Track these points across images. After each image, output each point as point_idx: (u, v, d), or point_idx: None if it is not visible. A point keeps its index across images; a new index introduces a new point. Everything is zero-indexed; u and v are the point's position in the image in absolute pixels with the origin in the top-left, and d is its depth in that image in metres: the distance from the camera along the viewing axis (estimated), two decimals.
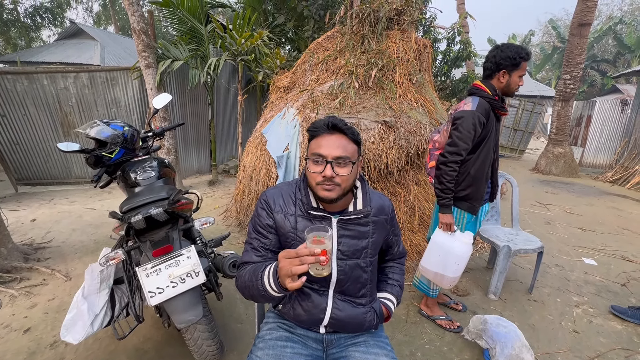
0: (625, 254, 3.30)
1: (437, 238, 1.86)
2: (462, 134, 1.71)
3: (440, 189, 1.79)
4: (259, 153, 3.30)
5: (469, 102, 1.76)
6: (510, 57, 1.70)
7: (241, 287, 1.00)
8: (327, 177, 0.95)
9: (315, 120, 1.03)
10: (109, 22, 21.08)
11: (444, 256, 1.82)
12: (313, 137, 1.02)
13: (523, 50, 1.71)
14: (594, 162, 8.84)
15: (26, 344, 1.82)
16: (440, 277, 1.87)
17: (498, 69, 1.75)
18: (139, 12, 4.24)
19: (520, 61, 1.70)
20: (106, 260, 1.41)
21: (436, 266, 1.85)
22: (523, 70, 1.74)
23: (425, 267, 1.91)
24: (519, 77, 1.75)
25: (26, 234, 3.28)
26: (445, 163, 1.74)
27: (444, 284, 1.90)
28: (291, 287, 0.79)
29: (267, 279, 0.89)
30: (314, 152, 0.98)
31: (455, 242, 1.81)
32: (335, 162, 0.95)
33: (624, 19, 20.37)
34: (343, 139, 0.99)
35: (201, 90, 5.94)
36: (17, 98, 4.72)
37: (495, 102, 1.76)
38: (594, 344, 1.98)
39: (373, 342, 1.09)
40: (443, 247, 1.83)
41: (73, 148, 1.72)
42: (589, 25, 6.88)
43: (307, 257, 0.77)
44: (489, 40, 23.00)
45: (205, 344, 1.50)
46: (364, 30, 3.38)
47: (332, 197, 0.97)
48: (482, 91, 1.77)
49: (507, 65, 1.71)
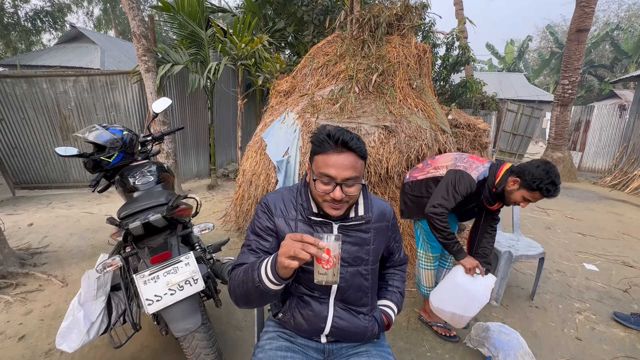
0: (626, 259, 3.28)
1: (459, 280, 1.72)
2: (457, 195, 1.73)
3: (442, 236, 1.74)
4: (259, 157, 3.29)
5: (479, 170, 1.77)
6: (534, 176, 1.60)
7: (233, 286, 0.93)
8: (337, 199, 0.92)
9: (318, 128, 0.97)
10: (109, 27, 21.16)
11: (467, 299, 1.68)
12: (318, 152, 0.94)
13: (548, 184, 1.58)
14: (592, 166, 8.86)
15: (21, 351, 1.78)
16: (458, 318, 1.75)
17: (517, 175, 1.68)
18: (139, 16, 4.25)
19: (536, 188, 1.60)
20: (103, 267, 1.39)
21: (456, 308, 1.71)
22: (533, 199, 1.65)
23: (442, 309, 1.76)
24: (524, 198, 1.67)
25: (23, 238, 3.25)
26: (437, 214, 1.72)
27: (460, 324, 1.79)
28: (287, 265, 0.75)
29: (264, 269, 0.84)
30: (322, 172, 0.92)
31: (480, 287, 1.68)
32: (345, 183, 0.92)
33: (621, 25, 20.57)
34: (352, 156, 0.92)
35: (201, 95, 5.94)
36: (16, 102, 4.70)
37: (485, 191, 1.76)
38: (597, 351, 1.96)
39: (375, 351, 1.07)
40: (467, 291, 1.69)
41: (71, 152, 1.70)
42: (586, 31, 6.94)
43: (310, 246, 0.74)
44: (487, 45, 23.18)
45: (204, 352, 1.47)
46: (364, 36, 3.40)
47: (339, 215, 0.97)
48: (494, 175, 1.75)
49: (526, 180, 1.63)
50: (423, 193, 1.96)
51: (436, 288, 1.85)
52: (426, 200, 1.87)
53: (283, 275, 0.80)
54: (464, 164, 1.84)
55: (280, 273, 0.80)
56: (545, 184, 1.58)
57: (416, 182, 2.01)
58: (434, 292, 1.84)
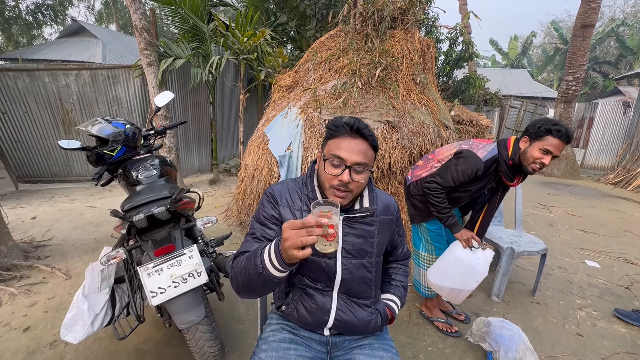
0: (628, 256, 3.28)
1: (458, 254, 1.74)
2: (457, 174, 1.71)
3: (437, 210, 1.76)
4: (261, 152, 3.29)
5: (486, 149, 1.74)
6: (536, 125, 1.60)
7: (235, 274, 0.91)
8: (344, 182, 0.92)
9: (335, 117, 0.99)
10: (110, 20, 21.06)
11: (467, 273, 1.71)
12: (332, 136, 0.97)
13: (555, 125, 1.55)
14: (595, 164, 8.82)
15: (26, 342, 1.80)
16: (456, 293, 1.77)
17: (524, 134, 1.68)
18: (141, 10, 4.22)
19: (543, 133, 1.57)
20: (107, 259, 1.40)
21: (456, 283, 1.74)
22: (549, 146, 1.57)
23: (441, 285, 1.78)
24: (540, 151, 1.59)
25: (26, 231, 3.26)
26: (430, 189, 1.76)
27: (458, 299, 1.81)
28: (301, 256, 0.72)
29: (267, 255, 0.81)
30: (334, 154, 0.94)
31: (480, 260, 1.71)
32: (354, 168, 0.93)
33: (627, 21, 20.32)
34: (364, 144, 0.95)
35: (203, 89, 5.92)
36: (19, 95, 4.70)
37: (502, 166, 1.72)
38: (598, 347, 1.96)
39: (378, 344, 1.07)
40: (467, 264, 1.71)
41: (74, 146, 1.71)
42: (591, 27, 6.87)
43: (315, 229, 0.72)
44: (490, 41, 22.95)
45: (207, 344, 1.49)
46: (367, 30, 3.37)
47: (343, 204, 0.97)
48: (505, 148, 1.72)
49: (531, 132, 1.63)
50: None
51: (434, 265, 1.86)
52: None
53: (292, 261, 0.78)
54: (469, 146, 1.80)
55: (287, 261, 0.78)
56: (550, 125, 1.56)
57: (421, 181, 1.93)
58: (431, 270, 1.85)
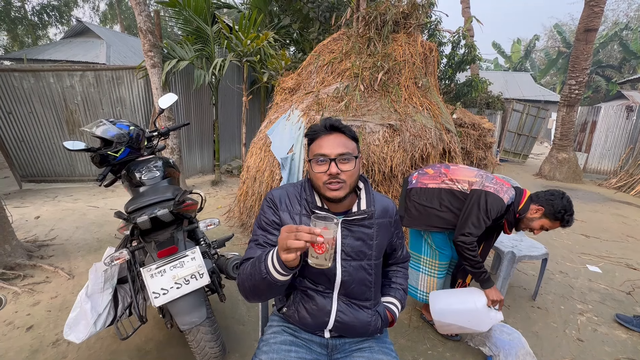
0: (630, 261, 3.27)
1: (479, 306, 1.69)
2: (488, 220, 1.67)
3: (471, 265, 1.69)
4: (263, 154, 3.30)
5: (508, 193, 1.73)
6: (559, 208, 1.66)
7: (242, 280, 0.95)
8: (333, 174, 0.96)
9: (312, 124, 1.07)
10: (114, 21, 21.22)
11: (473, 322, 1.71)
12: (313, 140, 1.04)
13: (570, 215, 1.66)
14: (598, 168, 8.78)
15: (29, 341, 1.82)
16: (448, 326, 1.80)
17: (541, 204, 1.71)
18: (145, 12, 4.26)
19: (559, 219, 1.67)
20: (111, 259, 1.41)
21: (456, 321, 1.75)
22: (552, 227, 1.71)
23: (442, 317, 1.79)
24: (541, 227, 1.72)
25: (30, 231, 3.29)
26: (466, 243, 1.66)
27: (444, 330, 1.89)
28: (285, 259, 0.78)
29: (270, 260, 0.85)
30: (317, 153, 1.00)
31: (490, 319, 1.69)
32: (339, 159, 0.97)
33: (630, 25, 20.27)
34: (342, 137, 1.01)
35: (206, 91, 5.95)
36: (24, 95, 4.74)
37: (510, 215, 1.75)
38: (599, 353, 1.96)
39: (378, 347, 1.08)
40: (479, 318, 1.70)
41: (79, 147, 1.72)
42: (595, 31, 6.86)
43: (303, 234, 0.75)
44: (493, 44, 22.95)
45: (208, 345, 1.50)
46: (370, 33, 3.39)
47: (340, 196, 0.98)
48: (519, 200, 1.75)
49: (550, 213, 1.68)
50: (434, 204, 1.83)
51: (444, 296, 1.84)
52: (437, 213, 1.80)
53: (288, 265, 0.82)
54: (494, 186, 1.74)
55: (286, 264, 0.82)
56: (568, 215, 1.66)
57: (426, 190, 1.88)
58: (439, 299, 1.83)
